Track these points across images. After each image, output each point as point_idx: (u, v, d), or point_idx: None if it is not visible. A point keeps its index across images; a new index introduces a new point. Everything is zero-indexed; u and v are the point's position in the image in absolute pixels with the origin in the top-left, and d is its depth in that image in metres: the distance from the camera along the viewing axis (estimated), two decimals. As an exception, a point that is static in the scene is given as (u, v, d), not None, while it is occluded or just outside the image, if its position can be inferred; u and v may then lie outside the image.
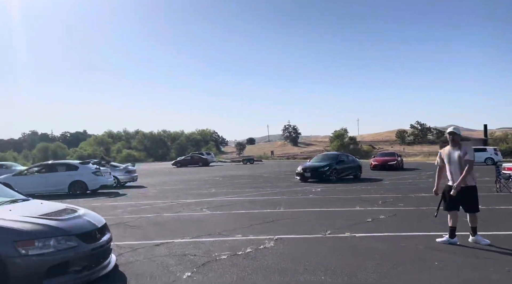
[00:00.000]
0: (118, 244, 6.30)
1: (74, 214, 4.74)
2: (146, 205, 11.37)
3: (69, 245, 4.16)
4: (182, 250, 5.87)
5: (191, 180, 22.48)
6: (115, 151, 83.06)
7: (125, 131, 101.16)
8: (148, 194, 15.00)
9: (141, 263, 5.21)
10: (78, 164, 16.52)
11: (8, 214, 4.18)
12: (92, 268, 4.42)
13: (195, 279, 4.51)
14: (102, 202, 12.63)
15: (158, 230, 7.49)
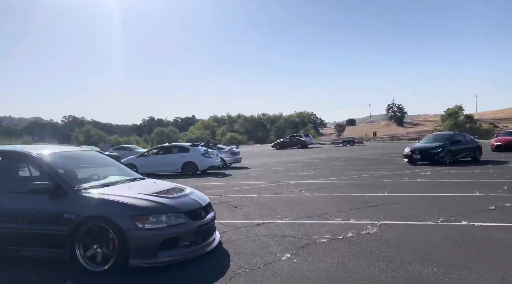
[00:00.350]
0: (222, 222, 6.63)
1: (182, 192, 5.07)
2: (248, 186, 11.78)
3: (178, 221, 4.47)
4: (282, 231, 5.91)
5: (289, 161, 22.66)
6: (219, 134, 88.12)
7: (228, 115, 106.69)
8: (250, 174, 15.54)
9: (243, 242, 5.38)
10: (189, 146, 17.85)
11: (127, 191, 4.65)
12: (199, 244, 4.70)
13: (295, 261, 4.49)
14: (209, 181, 13.47)
15: (259, 210, 7.67)
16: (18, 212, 4.41)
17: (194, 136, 79.98)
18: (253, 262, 4.49)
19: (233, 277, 4.02)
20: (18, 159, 4.82)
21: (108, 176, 5.42)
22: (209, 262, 4.55)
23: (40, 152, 4.87)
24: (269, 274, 4.10)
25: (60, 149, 5.62)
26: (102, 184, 4.92)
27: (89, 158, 5.93)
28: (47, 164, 4.64)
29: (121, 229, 4.15)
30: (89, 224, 4.23)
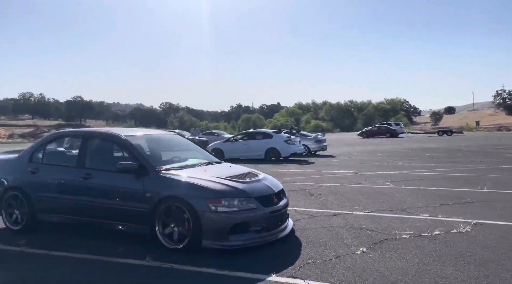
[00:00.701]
0: (297, 210, 6.52)
1: (255, 178, 5.06)
2: (328, 174, 11.46)
3: (249, 206, 4.48)
4: (359, 223, 5.60)
5: (376, 151, 21.53)
6: (304, 121, 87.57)
7: (313, 102, 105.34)
8: (332, 163, 15.13)
9: (316, 231, 5.22)
10: (272, 133, 17.99)
11: (203, 174, 4.79)
12: (270, 230, 4.66)
13: (370, 256, 4.20)
14: (290, 168, 13.43)
15: (337, 200, 7.39)
16: (111, 189, 4.81)
17: (279, 123, 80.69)
18: (324, 253, 4.32)
19: (302, 267, 3.90)
20: (110, 140, 5.24)
21: (187, 159, 5.65)
22: (279, 249, 4.49)
23: (127, 134, 5.25)
24: (341, 267, 3.90)
25: (145, 132, 6.00)
26: (181, 166, 5.14)
27: (172, 141, 6.24)
28: (132, 146, 4.97)
29: (195, 210, 4.29)
30: (167, 204, 4.45)
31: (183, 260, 4.09)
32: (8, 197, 5.35)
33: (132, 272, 3.82)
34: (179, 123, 78.94)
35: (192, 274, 3.77)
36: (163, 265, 3.99)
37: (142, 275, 3.74)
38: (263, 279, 3.61)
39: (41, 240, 4.89)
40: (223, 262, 4.05)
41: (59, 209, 5.10)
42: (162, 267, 3.95)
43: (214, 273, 3.76)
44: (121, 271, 3.86)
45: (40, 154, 5.45)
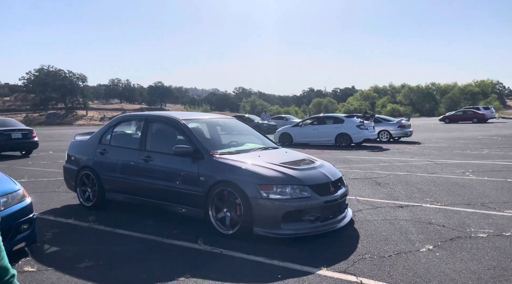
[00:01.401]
0: (359, 200, 6.15)
1: (311, 165, 4.82)
2: (400, 162, 10.70)
3: (303, 194, 4.28)
4: (428, 218, 5.09)
5: (458, 138, 19.66)
6: (379, 105, 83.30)
7: (390, 85, 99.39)
8: (405, 150, 14.13)
9: (378, 224, 4.85)
10: (344, 117, 17.28)
11: (256, 160, 4.68)
12: (325, 220, 4.42)
13: (437, 256, 3.77)
14: (360, 155, 12.83)
15: (406, 190, 6.83)
16: (169, 172, 4.93)
17: (352, 108, 77.87)
18: (384, 249, 3.97)
19: (356, 262, 3.63)
20: (169, 124, 5.35)
21: (244, 143, 5.58)
22: (334, 241, 4.24)
23: (185, 118, 5.32)
24: (401, 265, 3.55)
25: (204, 116, 6.05)
26: (236, 150, 5.08)
27: (231, 125, 6.22)
28: (189, 129, 5.02)
29: (246, 196, 4.21)
30: (220, 188, 4.43)
31: (233, 246, 4.05)
32: (82, 176, 5.78)
33: (184, 254, 3.88)
34: (251, 107, 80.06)
35: (240, 261, 3.71)
36: (213, 249, 3.99)
37: (192, 258, 3.77)
38: (312, 272, 3.42)
39: (108, 218, 5.21)
40: (272, 251, 3.93)
41: (124, 189, 5.38)
42: (212, 251, 3.95)
43: (262, 262, 3.66)
44: (174, 252, 3.93)
45: (108, 135, 5.78)
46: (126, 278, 3.28)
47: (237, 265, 3.62)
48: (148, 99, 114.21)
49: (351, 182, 7.65)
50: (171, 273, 3.38)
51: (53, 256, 3.84)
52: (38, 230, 4.54)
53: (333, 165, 5.37)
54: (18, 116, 69.96)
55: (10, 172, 9.34)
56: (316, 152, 13.75)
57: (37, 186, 7.55)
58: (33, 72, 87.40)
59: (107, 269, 3.50)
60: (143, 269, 3.50)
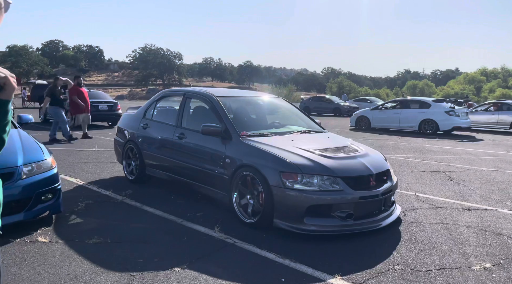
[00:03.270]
0: (419, 196, 5.30)
1: (351, 153, 4.19)
2: (489, 155, 9.17)
3: (333, 187, 3.72)
4: (499, 226, 4.13)
5: None
6: (486, 90, 73.86)
7: (502, 68, 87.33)
8: (503, 142, 12.15)
9: (430, 228, 4.07)
10: (431, 101, 15.50)
11: (287, 144, 4.20)
12: (359, 219, 3.82)
13: (493, 277, 2.97)
14: (442, 144, 11.36)
15: (483, 190, 5.73)
16: (199, 151, 4.70)
17: (452, 92, 70.25)
18: (425, 261, 3.27)
19: (382, 274, 3.02)
20: (204, 100, 5.08)
21: (285, 125, 5.12)
22: (365, 244, 3.63)
23: (221, 95, 5.02)
24: (442, 281, 2.86)
25: (245, 94, 5.67)
26: (271, 132, 4.65)
27: (275, 105, 5.75)
28: (221, 107, 4.71)
29: (268, 183, 3.80)
30: (244, 173, 4.08)
31: (249, 237, 3.71)
32: (127, 149, 5.89)
33: (195, 240, 3.65)
34: (337, 88, 77.14)
35: (249, 255, 3.35)
36: (227, 238, 3.68)
37: (202, 246, 3.52)
38: (322, 280, 2.92)
39: (143, 193, 5.23)
40: (289, 248, 3.49)
41: (160, 165, 5.33)
42: (225, 240, 3.65)
43: (271, 260, 3.26)
44: (185, 237, 3.73)
45: (151, 110, 5.76)
46: (124, 260, 3.15)
47: (244, 259, 3.27)
48: (237, 78, 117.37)
49: (417, 175, 6.70)
50: (171, 261, 3.16)
51: (72, 228, 3.90)
52: (75, 199, 4.73)
53: (405, 154, 4.66)
54: (124, 90, 77.58)
55: (90, 141, 10.16)
56: (391, 139, 12.56)
57: (102, 155, 8.02)
58: (138, 50, 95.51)
59: (113, 247, 3.42)
60: (147, 251, 3.35)
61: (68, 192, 5.15)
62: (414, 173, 6.95)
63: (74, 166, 6.83)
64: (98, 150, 8.80)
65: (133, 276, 2.87)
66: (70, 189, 5.33)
